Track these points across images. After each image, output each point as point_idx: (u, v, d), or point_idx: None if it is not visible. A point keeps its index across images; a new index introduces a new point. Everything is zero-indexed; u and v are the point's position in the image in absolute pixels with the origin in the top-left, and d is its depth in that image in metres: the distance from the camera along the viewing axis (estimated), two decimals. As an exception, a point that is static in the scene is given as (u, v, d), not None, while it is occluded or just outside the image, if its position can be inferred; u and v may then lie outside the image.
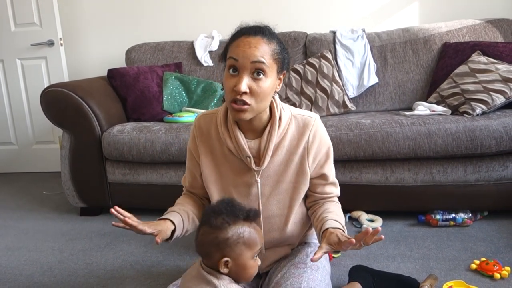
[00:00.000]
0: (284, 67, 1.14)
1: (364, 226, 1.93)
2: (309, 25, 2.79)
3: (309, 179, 1.21)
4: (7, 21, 3.06)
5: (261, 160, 1.18)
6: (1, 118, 3.26)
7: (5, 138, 3.30)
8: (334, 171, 1.27)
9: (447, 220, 1.89)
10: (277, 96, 1.20)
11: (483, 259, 1.54)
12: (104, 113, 2.25)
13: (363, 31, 2.56)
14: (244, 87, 1.05)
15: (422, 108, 2.11)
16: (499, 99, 1.93)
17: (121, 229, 2.07)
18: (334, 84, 2.36)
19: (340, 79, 2.40)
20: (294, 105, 2.26)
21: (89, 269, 1.72)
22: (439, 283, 1.43)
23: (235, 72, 1.07)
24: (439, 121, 1.86)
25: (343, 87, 2.39)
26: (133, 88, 2.46)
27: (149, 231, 1.04)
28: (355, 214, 2.04)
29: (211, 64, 2.70)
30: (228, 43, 1.12)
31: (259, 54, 1.05)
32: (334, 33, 2.59)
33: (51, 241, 2.03)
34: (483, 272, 1.48)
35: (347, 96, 2.38)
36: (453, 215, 1.89)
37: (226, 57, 1.11)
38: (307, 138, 1.19)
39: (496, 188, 1.88)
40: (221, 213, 0.99)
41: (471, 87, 2.03)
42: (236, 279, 1.02)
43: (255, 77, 1.06)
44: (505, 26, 2.42)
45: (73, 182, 2.27)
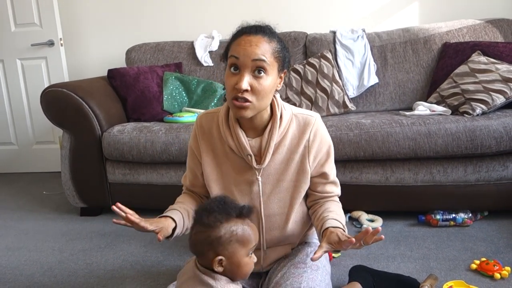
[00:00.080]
0: (285, 65, 1.14)
1: (364, 226, 1.93)
2: (309, 25, 2.79)
3: (309, 178, 1.22)
4: (7, 21, 3.06)
5: (262, 158, 1.18)
6: (1, 118, 3.26)
7: (5, 138, 3.30)
8: (335, 170, 1.28)
9: (447, 220, 1.89)
10: (278, 95, 1.21)
11: (483, 259, 1.54)
12: (104, 113, 2.25)
13: (363, 31, 2.56)
14: (245, 84, 1.05)
15: (422, 108, 2.11)
16: (499, 99, 1.93)
17: (121, 229, 2.10)
18: (334, 84, 2.36)
19: (340, 79, 2.40)
20: (294, 105, 2.26)
21: (89, 269, 1.72)
22: (439, 283, 1.43)
23: (236, 70, 1.08)
24: (439, 121, 1.86)
25: (343, 87, 2.39)
26: (133, 88, 2.46)
27: (151, 228, 1.04)
28: (355, 214, 2.04)
29: (211, 64, 2.70)
30: (229, 42, 1.13)
31: (260, 52, 1.06)
32: (334, 33, 2.59)
33: (51, 241, 2.03)
34: (483, 272, 1.48)
35: (347, 96, 2.38)
36: (453, 215, 1.89)
37: (227, 56, 1.11)
38: (308, 137, 1.20)
39: (496, 188, 1.88)
40: (213, 211, 0.98)
41: (471, 87, 2.03)
42: (232, 277, 1.01)
43: (256, 75, 1.07)
44: (505, 26, 2.42)
45: (73, 182, 2.27)
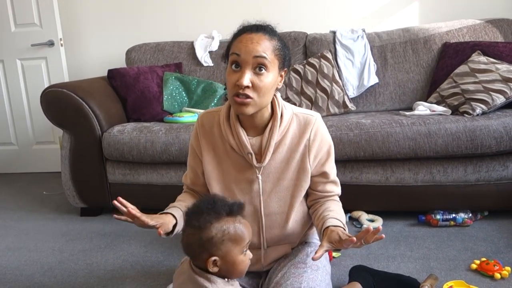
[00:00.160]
0: (286, 64, 1.16)
1: (365, 226, 1.92)
2: (309, 25, 2.79)
3: (310, 177, 1.22)
4: (7, 21, 3.06)
5: (262, 157, 1.19)
6: (1, 118, 3.26)
7: (5, 138, 3.30)
8: (335, 170, 1.28)
9: (447, 220, 1.89)
10: (279, 95, 1.22)
11: (484, 259, 1.54)
12: (104, 114, 2.25)
13: (363, 31, 2.56)
14: (246, 81, 1.06)
15: (422, 108, 2.11)
16: (499, 99, 1.93)
17: (122, 229, 2.10)
18: (334, 84, 2.36)
19: (340, 79, 2.40)
20: (294, 105, 2.26)
21: (90, 270, 1.72)
22: (440, 283, 1.43)
23: (238, 67, 1.08)
24: (439, 121, 1.86)
25: (343, 87, 2.39)
26: (133, 88, 2.46)
27: (152, 223, 1.05)
28: (356, 214, 2.04)
29: (211, 64, 2.70)
30: (230, 41, 1.14)
31: (261, 49, 1.07)
32: (334, 33, 2.59)
33: (51, 241, 2.03)
34: (484, 272, 1.48)
35: (347, 96, 2.38)
36: (454, 215, 1.89)
37: (228, 55, 1.12)
38: (308, 136, 1.20)
39: (496, 188, 1.88)
40: (202, 212, 0.97)
41: (471, 87, 2.03)
42: (228, 276, 1.00)
43: (257, 72, 1.08)
44: (505, 26, 2.42)
45: (74, 182, 2.27)
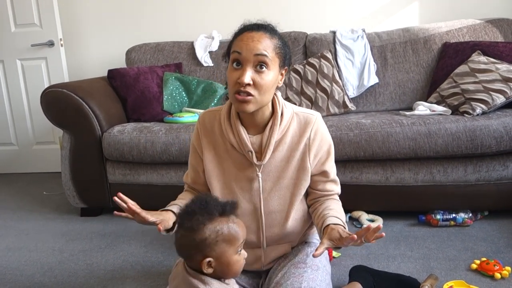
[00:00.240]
0: (286, 62, 1.17)
1: (365, 226, 1.92)
2: (309, 25, 2.79)
3: (310, 176, 1.23)
4: (7, 21, 3.06)
5: (262, 155, 1.19)
6: (1, 119, 3.26)
7: (5, 139, 3.30)
8: (335, 169, 1.29)
9: (447, 220, 1.89)
10: (279, 94, 1.23)
11: (484, 259, 1.54)
12: (104, 114, 2.25)
13: (363, 31, 2.56)
14: (247, 78, 1.07)
15: (422, 108, 2.11)
16: (499, 99, 1.93)
17: (122, 230, 2.10)
18: (334, 84, 2.36)
19: (340, 79, 2.40)
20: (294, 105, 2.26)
21: (90, 270, 1.72)
22: (440, 283, 1.43)
23: (239, 65, 1.09)
24: (439, 121, 1.86)
25: (343, 87, 2.39)
26: (133, 88, 2.46)
27: (152, 219, 1.06)
28: (356, 214, 2.04)
29: (211, 65, 2.70)
30: (231, 40, 1.14)
31: (262, 47, 1.08)
32: (334, 33, 2.59)
33: (51, 241, 2.03)
34: (484, 272, 1.48)
35: (347, 96, 2.38)
36: (454, 215, 1.89)
37: (229, 53, 1.13)
38: (309, 135, 1.21)
39: (497, 188, 1.88)
40: (195, 213, 0.96)
41: (471, 87, 2.03)
42: (223, 277, 0.99)
43: (258, 69, 1.08)
44: (505, 26, 2.42)
45: (74, 182, 2.27)
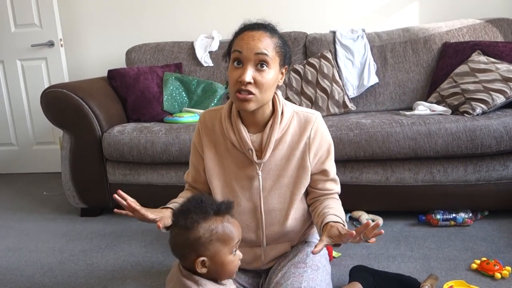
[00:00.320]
0: (286, 61, 1.17)
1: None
2: (309, 25, 2.79)
3: (310, 175, 1.23)
4: (7, 22, 3.06)
5: (262, 153, 1.19)
6: (1, 119, 3.26)
7: (5, 139, 3.30)
8: (335, 168, 1.29)
9: (447, 220, 1.89)
10: (279, 93, 1.23)
11: (484, 258, 1.54)
12: (105, 114, 2.25)
13: (363, 31, 2.56)
14: (248, 77, 1.07)
15: (422, 108, 2.11)
16: (499, 99, 1.93)
17: (122, 230, 2.10)
18: (334, 84, 2.36)
19: (340, 79, 2.40)
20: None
21: (90, 270, 1.72)
22: (440, 283, 1.43)
23: (240, 64, 1.10)
24: (439, 121, 1.86)
25: (343, 87, 2.39)
26: (133, 88, 2.46)
27: (152, 216, 1.06)
28: (356, 214, 2.04)
29: (211, 65, 2.70)
30: (231, 39, 1.15)
31: (262, 46, 1.08)
32: (334, 33, 2.59)
33: (51, 241, 2.03)
34: (484, 272, 1.48)
35: (347, 96, 2.38)
36: (454, 215, 1.89)
37: (230, 52, 1.13)
38: (309, 134, 1.21)
39: (497, 187, 1.88)
40: (189, 212, 0.95)
41: (471, 86, 2.03)
42: (217, 277, 0.98)
43: (258, 68, 1.09)
44: (505, 26, 2.41)
45: (74, 182, 2.27)
